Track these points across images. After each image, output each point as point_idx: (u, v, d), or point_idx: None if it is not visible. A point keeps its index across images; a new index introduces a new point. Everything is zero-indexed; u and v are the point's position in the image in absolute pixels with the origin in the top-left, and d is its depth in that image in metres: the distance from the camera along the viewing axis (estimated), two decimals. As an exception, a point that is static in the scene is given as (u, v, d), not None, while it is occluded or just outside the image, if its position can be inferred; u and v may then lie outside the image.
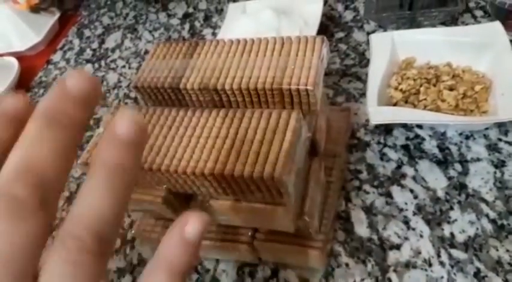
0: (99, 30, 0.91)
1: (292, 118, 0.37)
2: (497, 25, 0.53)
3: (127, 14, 0.92)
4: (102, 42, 0.88)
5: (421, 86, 0.52)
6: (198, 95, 0.44)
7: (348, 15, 0.71)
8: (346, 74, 0.63)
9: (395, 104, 0.53)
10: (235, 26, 0.67)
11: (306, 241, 0.44)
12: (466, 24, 0.63)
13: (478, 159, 0.49)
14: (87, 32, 0.92)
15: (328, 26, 0.71)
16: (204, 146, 0.38)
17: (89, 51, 0.87)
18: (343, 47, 0.67)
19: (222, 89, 0.43)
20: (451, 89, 0.51)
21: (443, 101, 0.50)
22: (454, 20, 0.64)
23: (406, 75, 0.54)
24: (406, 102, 0.52)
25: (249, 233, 0.46)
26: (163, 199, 0.41)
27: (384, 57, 0.56)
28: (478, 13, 0.64)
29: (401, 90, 0.53)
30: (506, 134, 0.50)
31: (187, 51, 0.47)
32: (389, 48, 0.57)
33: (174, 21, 0.85)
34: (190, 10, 0.86)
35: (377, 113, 0.50)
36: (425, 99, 0.51)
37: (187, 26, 0.83)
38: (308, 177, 0.43)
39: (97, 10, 0.97)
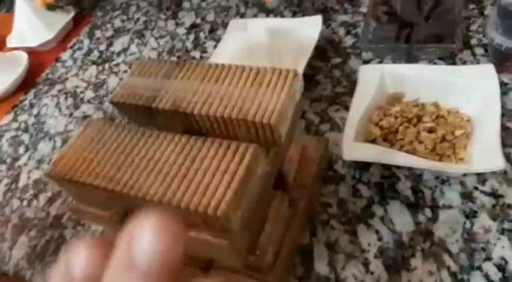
0: (110, 32, 0.93)
1: (248, 153, 0.37)
2: (489, 68, 0.52)
3: (138, 19, 0.94)
4: (110, 44, 0.90)
5: (401, 124, 0.51)
6: (169, 117, 0.45)
7: (348, 41, 0.71)
8: (335, 102, 0.63)
9: (374, 140, 0.52)
10: (231, 43, 0.67)
11: (260, 274, 0.44)
12: (464, 62, 0.61)
13: (450, 207, 0.48)
14: (98, 33, 0.94)
15: (327, 50, 0.70)
16: (159, 171, 0.38)
17: (96, 53, 0.89)
18: (337, 73, 0.66)
19: (190, 113, 0.43)
20: (430, 131, 0.49)
21: (420, 142, 0.49)
22: (452, 56, 0.62)
23: (389, 112, 0.53)
24: (385, 139, 0.52)
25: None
26: (119, 218, 0.42)
27: (370, 90, 0.55)
28: (479, 51, 0.62)
29: (381, 126, 0.52)
30: (483, 182, 0.49)
31: (166, 71, 0.48)
32: (377, 81, 0.56)
33: (181, 31, 0.86)
34: (198, 21, 0.87)
35: (351, 149, 0.49)
36: (402, 139, 0.50)
37: (192, 37, 0.83)
38: (268, 210, 0.43)
39: (111, 12, 0.99)
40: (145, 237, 0.13)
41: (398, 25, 0.60)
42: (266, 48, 0.62)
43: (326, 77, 0.67)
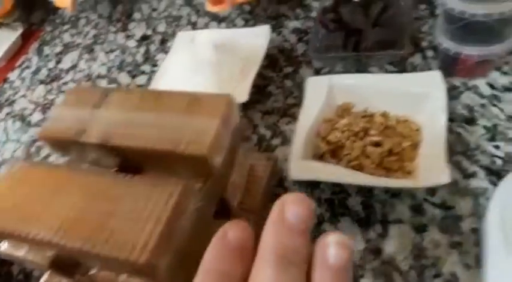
0: (59, 48, 0.90)
1: (176, 191, 0.35)
2: (436, 75, 0.51)
3: (87, 32, 0.90)
4: (59, 61, 0.87)
5: (347, 139, 0.50)
6: (100, 152, 0.43)
7: (300, 49, 0.69)
8: (286, 114, 0.61)
9: (322, 156, 0.50)
10: (178, 58, 0.65)
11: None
12: (415, 66, 0.60)
13: (400, 221, 0.47)
14: (46, 50, 0.91)
15: (278, 59, 0.69)
16: (67, 216, 0.36)
17: (44, 71, 0.85)
18: (288, 83, 0.65)
19: (120, 148, 0.41)
20: (377, 144, 0.48)
21: (367, 157, 0.48)
22: (403, 60, 0.61)
23: (336, 125, 0.52)
24: (333, 154, 0.50)
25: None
26: (50, 263, 0.40)
27: (318, 103, 0.54)
28: (429, 53, 0.61)
29: (328, 141, 0.51)
30: (433, 194, 0.47)
31: (97, 101, 0.45)
32: (325, 93, 0.54)
33: (131, 43, 0.83)
34: (149, 32, 0.84)
35: (297, 169, 0.48)
36: (349, 154, 0.48)
37: (142, 50, 0.81)
38: (208, 243, 0.41)
39: (61, 26, 0.95)
40: (291, 205, 0.20)
41: (345, 33, 0.59)
42: (213, 62, 0.60)
43: (278, 88, 0.65)
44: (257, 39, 0.64)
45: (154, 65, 0.76)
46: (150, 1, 0.91)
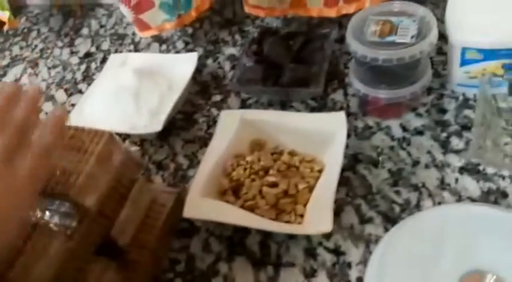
0: (6, 61, 0.89)
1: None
2: (340, 116, 0.51)
3: (36, 46, 0.90)
4: (4, 74, 0.86)
5: (248, 176, 0.49)
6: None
7: (231, 77, 0.69)
8: (207, 144, 0.60)
9: (224, 192, 0.50)
10: (103, 81, 0.64)
11: None
12: (336, 102, 0.60)
13: (292, 265, 0.46)
14: (-6, 61, 0.90)
15: (209, 86, 0.68)
16: None
17: (-14, 84, 0.85)
18: (214, 112, 0.64)
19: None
20: (273, 184, 0.48)
21: (263, 197, 0.47)
22: (324, 96, 0.60)
23: (241, 161, 0.51)
24: (234, 192, 0.50)
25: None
26: None
27: (228, 137, 0.53)
28: (351, 90, 0.60)
29: (231, 178, 0.50)
30: (328, 238, 0.47)
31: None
32: (236, 128, 0.54)
33: (74, 60, 0.82)
34: (93, 49, 0.83)
35: (191, 206, 0.47)
36: (247, 193, 0.48)
37: (83, 67, 0.80)
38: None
39: (12, 37, 0.95)
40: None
41: (265, 66, 0.58)
42: (132, 89, 0.60)
43: (203, 116, 0.64)
44: (184, 66, 0.64)
45: (90, 84, 0.75)
46: (100, 17, 0.91)
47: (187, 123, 0.64)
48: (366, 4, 0.56)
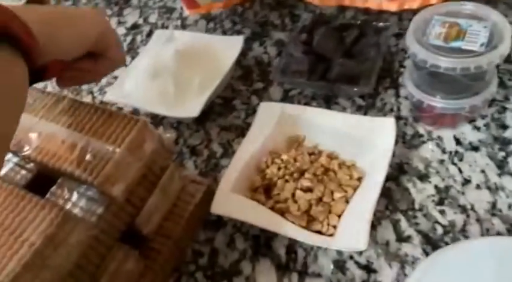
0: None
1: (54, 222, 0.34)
2: (389, 122, 0.47)
3: (85, 12, 0.90)
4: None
5: (282, 177, 0.47)
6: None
7: (277, 63, 0.65)
8: (243, 134, 0.58)
9: (255, 190, 0.48)
10: (144, 58, 0.63)
11: None
12: (385, 103, 0.56)
13: (319, 275, 0.44)
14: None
15: (253, 72, 0.65)
16: None
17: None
18: (254, 101, 0.61)
19: (30, 158, 0.40)
20: (308, 189, 0.45)
21: (295, 201, 0.45)
22: (374, 95, 0.56)
23: (277, 159, 0.49)
24: (266, 190, 0.47)
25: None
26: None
27: (265, 132, 0.51)
28: (403, 92, 0.56)
29: (264, 176, 0.48)
30: (360, 252, 0.44)
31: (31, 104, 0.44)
32: (275, 121, 0.51)
33: (120, 31, 0.81)
34: (140, 21, 0.82)
35: (220, 202, 0.45)
36: (279, 194, 0.46)
37: (129, 39, 0.79)
38: (104, 272, 0.40)
39: (64, 1, 0.95)
40: None
41: (313, 58, 0.55)
42: (172, 69, 0.58)
43: (243, 103, 0.62)
44: (228, 50, 0.61)
45: (134, 57, 0.74)
46: (151, -13, 0.89)
47: (226, 109, 0.62)
48: (432, 0, 0.51)
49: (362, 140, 0.48)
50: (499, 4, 0.61)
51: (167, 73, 0.58)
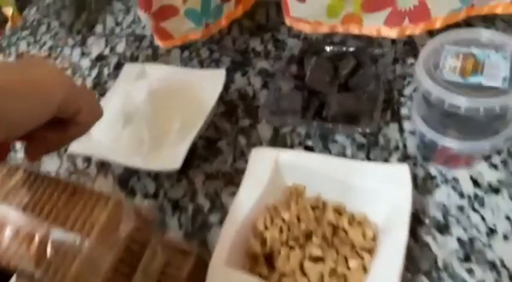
0: (11, 59, 0.81)
1: None
2: (403, 170, 0.41)
3: (44, 43, 0.81)
4: (8, 74, 0.78)
5: (285, 243, 0.40)
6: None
7: (262, 97, 0.59)
8: (233, 182, 0.51)
9: (255, 259, 0.41)
10: (115, 98, 0.55)
11: None
12: (388, 140, 0.50)
13: None
14: (0, 58, 0.82)
15: (237, 106, 0.59)
16: None
17: (-12, 85, 0.76)
18: (242, 141, 0.55)
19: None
20: (318, 258, 0.38)
21: (304, 274, 0.38)
22: (378, 129, 0.50)
23: (278, 216, 0.42)
24: (268, 259, 0.41)
25: None
26: None
27: (260, 183, 0.44)
28: (408, 126, 0.50)
29: (263, 241, 0.41)
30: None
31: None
32: (269, 172, 0.45)
33: (85, 63, 0.73)
34: (106, 51, 0.74)
35: (215, 278, 0.38)
36: (283, 265, 0.39)
37: (94, 72, 0.71)
38: None
39: (20, 31, 0.86)
40: None
41: (306, 94, 0.49)
42: (147, 113, 0.51)
43: (229, 145, 0.55)
44: (209, 86, 0.54)
45: (102, 94, 0.66)
46: (117, 13, 0.81)
47: (210, 152, 0.55)
48: (436, 24, 0.45)
49: (372, 189, 0.42)
50: (496, 22, 0.57)
51: (140, 117, 0.51)
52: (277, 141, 0.53)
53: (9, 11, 0.68)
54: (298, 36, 0.64)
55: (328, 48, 0.53)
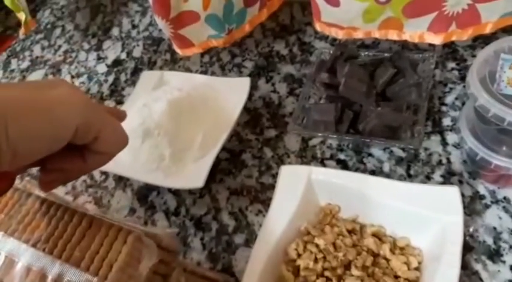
0: (26, 64, 0.78)
1: None
2: (453, 193, 0.37)
3: (59, 47, 0.78)
4: (23, 79, 0.75)
5: (321, 274, 0.36)
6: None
7: (289, 105, 0.55)
8: (259, 199, 0.48)
9: (286, 287, 0.37)
10: (132, 110, 0.52)
11: None
12: (430, 154, 0.45)
13: None
14: (14, 63, 0.79)
15: (262, 115, 0.55)
16: None
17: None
18: (268, 153, 0.51)
19: None
20: (358, 289, 0.35)
21: (343, 309, 0.34)
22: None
23: (311, 242, 0.39)
24: (300, 290, 0.37)
25: None
26: None
27: (290, 206, 0.40)
28: (452, 138, 0.46)
29: (297, 269, 0.37)
30: None
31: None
32: (301, 190, 0.41)
33: (101, 68, 0.71)
34: (123, 55, 0.71)
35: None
36: (320, 299, 0.35)
37: (111, 78, 0.68)
38: None
39: (34, 34, 0.83)
40: None
41: (338, 105, 0.44)
42: (167, 128, 0.47)
43: (254, 157, 0.51)
44: (233, 95, 0.50)
45: (120, 102, 0.63)
46: (133, 15, 0.78)
47: (234, 166, 0.51)
48: (487, 29, 0.41)
49: (416, 213, 0.38)
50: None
51: (160, 131, 0.47)
52: (306, 153, 0.50)
53: (22, 16, 0.64)
54: (326, 38, 0.60)
55: (362, 54, 0.48)
